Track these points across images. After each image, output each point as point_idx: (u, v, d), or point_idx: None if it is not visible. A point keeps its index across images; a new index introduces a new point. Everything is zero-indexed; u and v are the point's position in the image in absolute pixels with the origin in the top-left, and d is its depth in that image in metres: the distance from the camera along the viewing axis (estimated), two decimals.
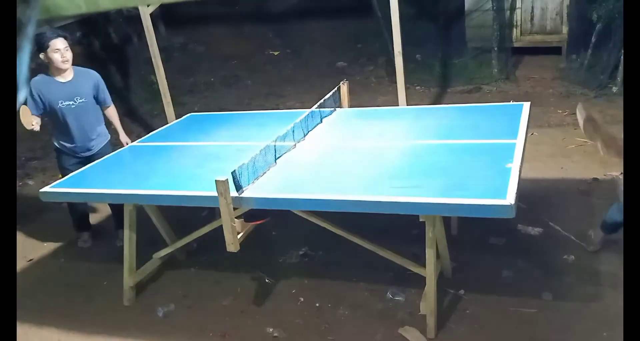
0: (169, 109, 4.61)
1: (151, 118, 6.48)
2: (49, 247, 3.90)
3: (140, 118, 6.55)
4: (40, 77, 3.34)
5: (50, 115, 3.38)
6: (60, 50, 3.23)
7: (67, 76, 3.37)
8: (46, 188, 2.94)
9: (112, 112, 3.68)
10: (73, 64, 3.37)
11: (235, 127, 3.65)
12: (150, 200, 2.87)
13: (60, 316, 3.03)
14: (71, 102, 3.37)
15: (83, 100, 3.41)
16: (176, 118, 4.22)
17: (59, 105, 3.34)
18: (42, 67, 3.38)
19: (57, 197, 2.98)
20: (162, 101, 4.60)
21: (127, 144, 3.63)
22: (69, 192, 2.92)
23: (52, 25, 7.51)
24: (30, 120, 3.12)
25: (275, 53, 8.51)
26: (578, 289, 2.71)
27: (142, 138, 3.65)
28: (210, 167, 2.84)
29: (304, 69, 7.87)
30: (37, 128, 3.14)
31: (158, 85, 4.60)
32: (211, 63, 8.34)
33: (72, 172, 3.20)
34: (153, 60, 4.48)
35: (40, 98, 3.29)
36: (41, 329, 2.93)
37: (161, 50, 4.56)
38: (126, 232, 3.01)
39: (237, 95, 7.28)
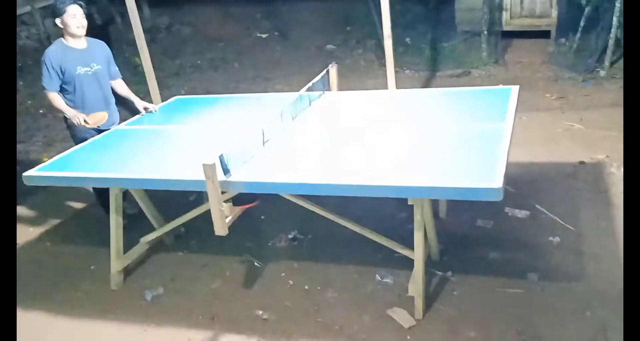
0: (155, 92, 4.53)
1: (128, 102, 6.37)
2: (34, 231, 3.86)
3: (126, 101, 6.44)
4: (55, 45, 3.29)
5: (67, 84, 3.30)
6: (77, 15, 3.22)
7: (82, 44, 3.34)
8: (30, 172, 2.89)
9: (123, 84, 3.65)
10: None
11: (222, 110, 3.61)
12: (136, 184, 2.84)
13: (47, 301, 3.02)
14: (88, 69, 3.34)
15: (99, 67, 3.40)
16: (162, 101, 4.15)
17: (77, 71, 3.29)
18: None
19: (41, 181, 2.92)
20: (147, 84, 4.52)
21: (146, 110, 3.61)
22: (54, 176, 2.87)
23: (32, 4, 7.32)
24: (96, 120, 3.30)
25: (263, 35, 8.39)
26: (562, 270, 2.75)
27: (128, 121, 3.59)
28: (198, 151, 2.81)
29: (293, 51, 7.78)
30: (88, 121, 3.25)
31: (143, 68, 4.51)
32: (197, 45, 8.19)
33: None
34: (137, 42, 4.38)
35: (59, 68, 3.23)
36: (28, 313, 2.92)
37: (145, 31, 4.46)
38: (112, 216, 2.99)
39: (224, 78, 7.18)
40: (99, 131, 3.42)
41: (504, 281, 2.70)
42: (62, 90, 3.34)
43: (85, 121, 3.26)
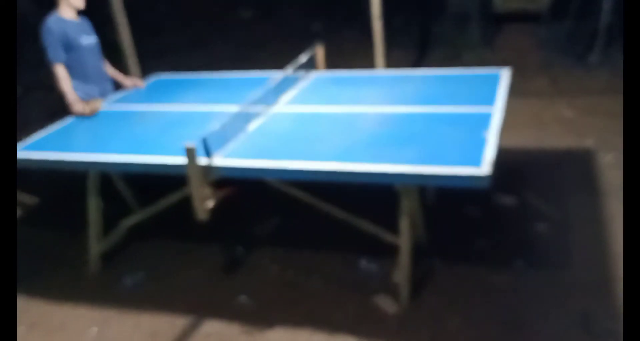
0: (135, 71, 4.40)
1: (115, 81, 6.21)
2: None
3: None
4: (54, 17, 3.12)
5: (72, 57, 3.16)
6: None
7: (76, 17, 3.22)
8: None
9: (106, 62, 3.53)
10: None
11: (204, 90, 3.50)
12: (116, 167, 2.76)
13: (25, 286, 2.94)
14: (89, 41, 3.26)
15: (96, 38, 3.32)
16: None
17: (83, 42, 3.19)
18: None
19: (17, 164, 2.82)
20: (126, 63, 4.38)
21: (135, 86, 3.54)
22: (30, 159, 2.77)
23: None
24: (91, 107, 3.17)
25: (248, 14, 8.20)
26: (548, 257, 2.75)
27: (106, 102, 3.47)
28: (179, 133, 2.73)
29: (278, 31, 7.63)
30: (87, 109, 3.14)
31: (122, 47, 4.37)
32: (179, 23, 8.00)
33: None
34: (116, 19, 4.24)
35: (64, 38, 3.09)
36: None
37: (125, 8, 4.30)
38: (90, 200, 2.91)
39: (206, 58, 7.02)
40: None
41: (489, 268, 2.69)
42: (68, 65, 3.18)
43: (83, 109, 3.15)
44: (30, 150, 2.84)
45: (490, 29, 6.53)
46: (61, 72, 3.12)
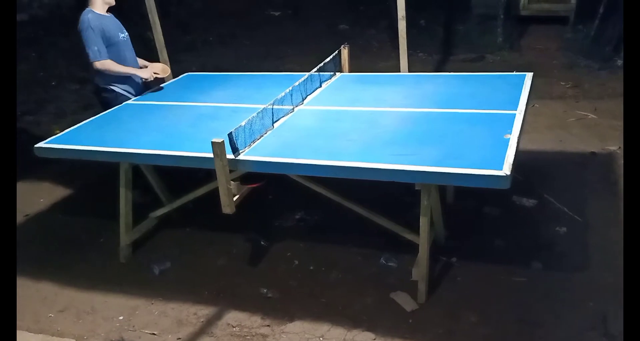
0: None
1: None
2: (45, 202, 3.91)
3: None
4: (90, 14, 3.24)
5: (112, 52, 3.29)
6: None
7: (106, 13, 3.35)
8: (41, 144, 2.92)
9: None
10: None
11: (233, 88, 3.59)
12: (146, 159, 2.86)
13: (56, 271, 3.07)
14: (124, 35, 3.38)
15: (127, 33, 3.43)
16: (173, 77, 4.14)
17: (119, 37, 3.32)
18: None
19: (52, 153, 2.95)
20: (158, 59, 4.49)
21: (148, 79, 3.56)
22: (65, 149, 2.89)
23: None
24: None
25: (276, 13, 8.29)
26: (567, 260, 2.75)
27: (139, 96, 3.59)
28: (207, 128, 2.82)
29: (304, 30, 7.69)
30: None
31: (154, 42, 4.49)
32: (209, 20, 8.12)
33: None
34: (149, 15, 4.35)
35: (103, 34, 3.21)
36: (38, 282, 2.98)
37: (157, 4, 4.41)
38: (122, 191, 3.01)
39: (235, 55, 7.13)
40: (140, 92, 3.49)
41: (507, 268, 2.71)
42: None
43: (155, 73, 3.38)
44: (65, 140, 2.96)
45: (515, 30, 6.47)
46: (109, 63, 3.24)
